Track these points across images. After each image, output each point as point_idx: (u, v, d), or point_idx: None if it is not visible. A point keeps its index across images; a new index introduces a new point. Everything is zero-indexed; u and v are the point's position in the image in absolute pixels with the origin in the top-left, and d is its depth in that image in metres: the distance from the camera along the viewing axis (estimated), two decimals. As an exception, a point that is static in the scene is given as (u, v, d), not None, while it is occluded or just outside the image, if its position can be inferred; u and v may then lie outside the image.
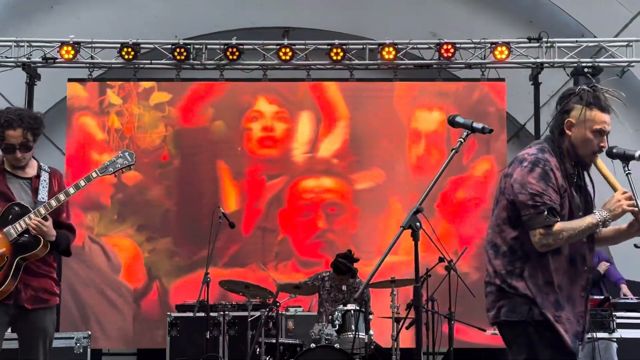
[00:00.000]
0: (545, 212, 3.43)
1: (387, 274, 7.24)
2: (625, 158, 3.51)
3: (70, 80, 10.24)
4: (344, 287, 7.84)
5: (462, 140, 3.58)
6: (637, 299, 7.89)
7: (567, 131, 3.58)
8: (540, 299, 3.47)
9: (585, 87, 3.58)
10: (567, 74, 10.14)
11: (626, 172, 3.50)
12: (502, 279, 3.55)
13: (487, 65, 10.12)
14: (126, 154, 4.94)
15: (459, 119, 3.64)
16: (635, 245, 7.48)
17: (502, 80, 10.31)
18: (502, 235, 3.59)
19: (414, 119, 10.43)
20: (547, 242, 3.44)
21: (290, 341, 7.49)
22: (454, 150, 3.56)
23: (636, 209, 3.48)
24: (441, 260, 7.54)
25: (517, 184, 3.51)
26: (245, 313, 7.55)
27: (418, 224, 3.38)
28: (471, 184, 10.25)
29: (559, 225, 3.45)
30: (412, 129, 10.39)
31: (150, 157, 10.27)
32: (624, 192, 3.50)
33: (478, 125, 3.60)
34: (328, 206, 10.35)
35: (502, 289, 3.55)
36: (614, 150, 3.54)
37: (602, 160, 3.63)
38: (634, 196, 3.44)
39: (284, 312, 8.59)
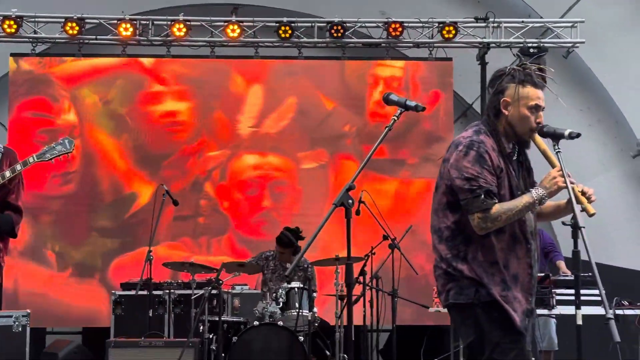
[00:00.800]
0: (482, 196, 3.45)
1: (333, 252, 7.28)
2: (556, 137, 3.54)
3: (12, 55, 10.05)
4: (288, 265, 7.85)
5: (396, 118, 3.59)
6: (570, 275, 7.99)
7: (504, 110, 3.60)
8: (487, 279, 3.50)
9: (515, 67, 3.61)
10: (514, 54, 10.22)
11: (556, 151, 3.53)
12: (447, 263, 3.58)
13: (434, 44, 10.16)
14: (66, 141, 5.00)
15: (393, 97, 3.65)
16: (563, 223, 7.60)
17: (450, 59, 10.36)
18: (444, 220, 3.61)
19: (361, 97, 10.44)
20: (485, 225, 3.47)
21: (234, 319, 7.49)
22: (387, 128, 3.58)
23: (574, 184, 3.52)
24: (385, 238, 7.61)
25: (453, 168, 3.52)
26: (190, 291, 7.52)
27: (350, 201, 3.39)
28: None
29: (496, 208, 3.47)
30: (359, 107, 10.40)
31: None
32: (560, 169, 3.53)
33: (411, 103, 3.62)
34: (274, 185, 10.34)
35: (449, 273, 3.58)
36: (545, 129, 3.57)
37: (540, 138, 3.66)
38: (564, 174, 3.47)
39: (230, 290, 8.59)
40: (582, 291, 6.50)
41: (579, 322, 3.53)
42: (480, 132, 3.58)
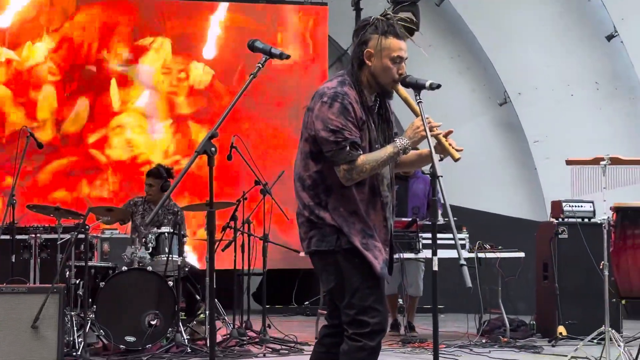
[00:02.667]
0: (347, 148, 3.47)
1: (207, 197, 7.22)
2: (417, 87, 3.56)
3: None
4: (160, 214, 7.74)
5: (260, 66, 3.55)
6: (445, 220, 8.23)
7: (367, 61, 3.61)
8: (347, 228, 3.54)
9: (378, 17, 3.61)
10: (388, 1, 10.28)
11: (417, 101, 3.56)
12: (310, 210, 3.59)
13: (309, -12, 10.13)
14: None
15: (258, 44, 3.60)
16: (423, 172, 7.80)
17: (325, 4, 10.35)
18: (307, 168, 3.61)
19: (234, 40, 10.32)
20: (351, 176, 3.50)
21: (101, 264, 7.37)
22: (251, 76, 3.53)
23: (439, 132, 3.58)
24: (257, 183, 7.61)
25: (318, 120, 3.52)
26: (56, 236, 7.33)
27: (213, 149, 3.35)
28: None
29: (361, 159, 3.50)
30: (233, 50, 10.28)
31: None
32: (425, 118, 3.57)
33: (276, 50, 3.58)
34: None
35: (312, 220, 3.59)
36: (407, 79, 3.60)
37: (403, 88, 3.69)
38: (424, 125, 3.52)
39: (99, 235, 8.44)
40: (448, 235, 6.80)
41: (435, 268, 3.63)
42: (344, 83, 3.58)
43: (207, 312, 6.10)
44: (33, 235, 8.13)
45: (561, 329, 7.69)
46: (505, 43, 10.59)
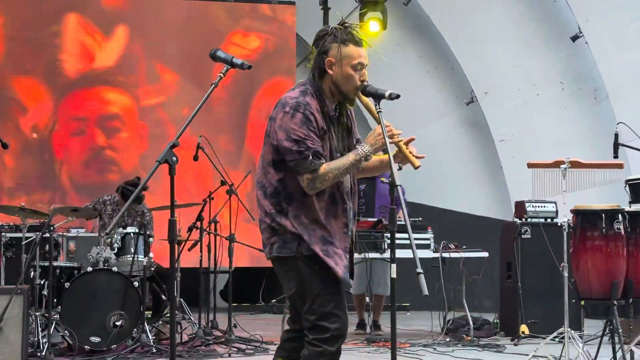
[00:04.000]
0: (310, 157, 3.51)
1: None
2: (377, 97, 3.61)
3: None
4: (134, 211, 7.75)
5: (222, 75, 3.58)
6: (402, 220, 8.27)
7: (329, 70, 3.65)
8: (307, 235, 3.58)
9: (336, 26, 3.65)
10: (355, 0, 10.35)
11: (377, 110, 3.61)
12: (271, 218, 3.63)
13: (277, -13, 10.15)
14: None
15: (220, 54, 3.63)
16: (382, 181, 7.87)
17: (293, 3, 10.37)
18: (268, 177, 3.65)
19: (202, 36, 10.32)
20: (314, 185, 3.54)
21: (67, 264, 7.35)
22: (213, 85, 3.56)
23: (399, 140, 3.64)
24: (223, 183, 7.64)
25: (281, 130, 3.55)
26: (21, 235, 7.30)
27: (175, 158, 3.38)
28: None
29: (324, 168, 3.54)
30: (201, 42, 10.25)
31: None
32: (386, 126, 3.63)
33: (238, 61, 3.61)
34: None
35: (273, 227, 3.63)
36: (367, 89, 3.64)
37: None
38: (384, 134, 3.57)
39: (65, 234, 8.40)
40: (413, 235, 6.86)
41: (394, 275, 3.68)
42: (306, 93, 3.62)
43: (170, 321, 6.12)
44: (-3, 234, 8.08)
45: (524, 328, 7.81)
46: (472, 43, 10.68)
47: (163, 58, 10.32)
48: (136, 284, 6.82)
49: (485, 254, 7.97)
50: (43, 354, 6.33)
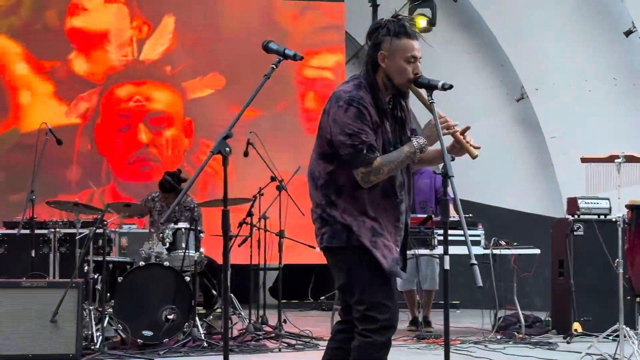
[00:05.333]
0: (364, 151, 3.51)
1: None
2: (429, 88, 3.59)
3: None
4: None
5: (274, 67, 3.60)
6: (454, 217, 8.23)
7: (382, 64, 3.64)
8: (356, 226, 3.58)
9: (389, 19, 3.64)
10: (404, -3, 10.33)
11: (430, 101, 3.59)
12: (322, 209, 3.65)
13: (326, -15, 10.16)
14: None
15: (273, 45, 3.65)
16: (434, 172, 7.82)
17: (342, 0, 10.38)
18: (319, 168, 3.67)
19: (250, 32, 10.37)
20: (368, 178, 3.54)
21: (119, 259, 7.45)
22: (265, 77, 3.58)
23: (455, 130, 3.62)
24: (273, 179, 7.67)
25: (335, 124, 3.56)
26: (75, 230, 7.43)
27: (227, 149, 3.40)
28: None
29: (378, 161, 3.54)
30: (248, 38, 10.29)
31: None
32: (440, 117, 3.61)
33: (290, 52, 3.63)
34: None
35: (323, 217, 3.65)
36: (419, 80, 3.62)
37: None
38: (437, 125, 3.56)
39: (117, 230, 8.52)
40: (462, 232, 6.81)
41: (447, 266, 3.66)
42: (360, 87, 3.62)
43: (223, 309, 6.16)
44: (52, 230, 8.25)
45: (576, 326, 7.70)
46: (522, 39, 10.58)
47: (211, 53, 10.38)
48: (187, 278, 6.88)
49: (537, 251, 7.88)
50: (97, 347, 6.42)
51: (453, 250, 7.03)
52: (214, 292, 7.55)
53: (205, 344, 6.68)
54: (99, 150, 10.12)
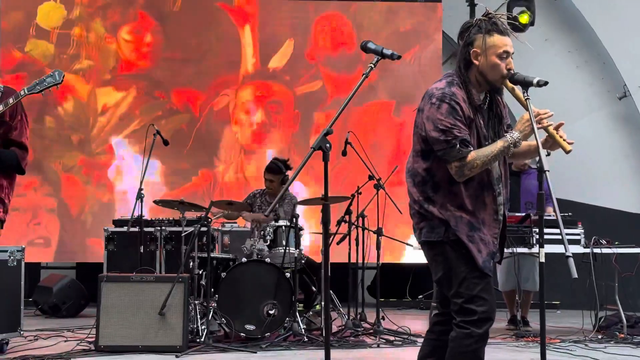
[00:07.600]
0: (458, 145, 3.60)
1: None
2: (525, 84, 3.66)
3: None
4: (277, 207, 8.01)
5: (373, 66, 3.73)
6: (553, 216, 8.16)
7: (475, 61, 3.73)
8: (454, 221, 3.68)
9: (481, 17, 3.73)
10: (502, -3, 10.27)
11: (525, 98, 3.66)
12: (419, 205, 3.77)
13: (423, -15, 10.20)
14: (56, 73, 5.09)
15: (371, 45, 3.78)
16: (530, 167, 7.75)
17: (439, 0, 10.41)
18: (416, 165, 3.79)
19: (350, 38, 10.51)
20: (462, 172, 3.63)
21: (223, 256, 7.69)
22: (364, 75, 3.71)
23: (549, 124, 3.67)
24: (370, 178, 7.78)
25: (428, 121, 3.67)
26: (180, 228, 7.72)
27: (328, 145, 3.54)
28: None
29: (472, 155, 3.63)
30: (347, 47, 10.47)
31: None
32: (536, 113, 3.67)
33: (388, 51, 3.75)
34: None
35: (421, 213, 3.77)
36: (515, 77, 3.69)
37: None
38: (532, 120, 3.61)
39: (220, 228, 8.79)
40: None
41: (542, 259, 3.70)
42: (452, 84, 3.72)
43: (323, 302, 6.31)
44: (159, 228, 8.59)
45: (680, 327, 7.54)
46: (624, 36, 10.38)
47: (320, 58, 10.60)
48: (288, 275, 7.05)
49: (639, 250, 7.75)
50: (202, 340, 6.65)
51: (552, 249, 7.07)
52: (314, 289, 7.71)
53: (306, 339, 6.84)
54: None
